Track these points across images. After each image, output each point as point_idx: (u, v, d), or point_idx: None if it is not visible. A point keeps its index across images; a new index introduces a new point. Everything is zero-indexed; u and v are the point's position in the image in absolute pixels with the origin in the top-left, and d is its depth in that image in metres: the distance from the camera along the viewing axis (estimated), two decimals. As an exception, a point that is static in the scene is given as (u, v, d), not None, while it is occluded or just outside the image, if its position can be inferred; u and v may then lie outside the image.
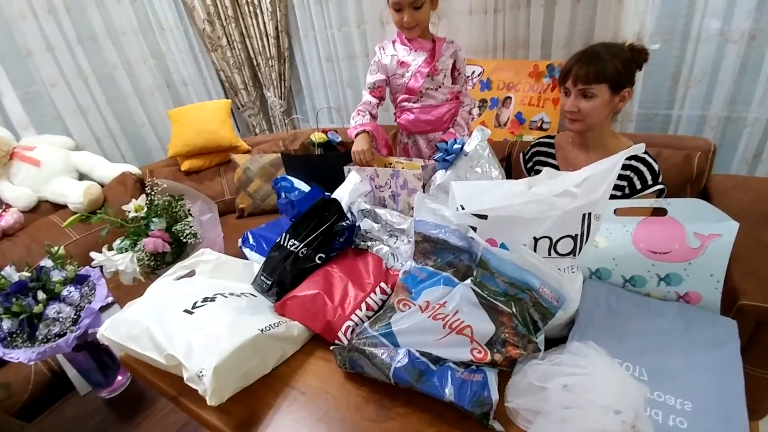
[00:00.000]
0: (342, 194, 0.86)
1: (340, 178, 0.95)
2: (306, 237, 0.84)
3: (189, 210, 1.26)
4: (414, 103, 1.31)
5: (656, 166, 1.03)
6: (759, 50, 1.44)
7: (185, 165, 2.08)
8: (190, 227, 1.21)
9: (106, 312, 1.11)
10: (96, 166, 2.05)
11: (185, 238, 1.19)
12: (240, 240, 1.07)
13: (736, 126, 1.56)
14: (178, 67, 2.51)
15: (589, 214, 0.61)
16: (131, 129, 2.43)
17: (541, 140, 1.24)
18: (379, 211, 0.86)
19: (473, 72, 1.82)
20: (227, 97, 2.69)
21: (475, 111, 1.53)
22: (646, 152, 1.04)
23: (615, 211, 0.73)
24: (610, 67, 0.98)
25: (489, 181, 0.61)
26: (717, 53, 1.49)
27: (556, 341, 0.65)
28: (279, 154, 1.88)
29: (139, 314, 0.77)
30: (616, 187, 0.72)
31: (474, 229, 0.64)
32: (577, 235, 0.62)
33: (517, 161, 1.29)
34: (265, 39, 2.43)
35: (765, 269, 0.94)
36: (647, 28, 1.53)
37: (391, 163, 1.01)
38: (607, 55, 0.99)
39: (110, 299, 1.11)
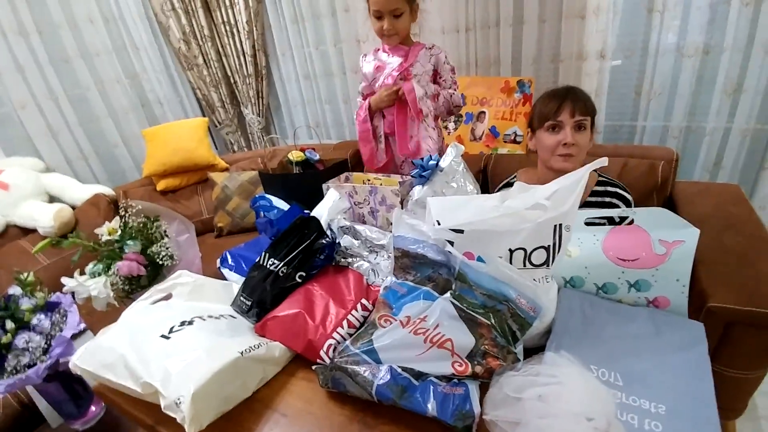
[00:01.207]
0: (321, 212, 0.86)
1: (319, 196, 0.95)
2: (286, 255, 0.83)
3: (165, 231, 1.24)
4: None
5: (630, 197, 1.07)
6: (713, 64, 1.53)
7: (161, 184, 2.05)
8: (167, 249, 1.19)
9: (78, 339, 1.05)
10: (67, 188, 1.99)
11: (161, 260, 1.17)
12: (218, 260, 1.05)
13: (696, 135, 1.64)
14: (153, 87, 2.49)
15: (560, 225, 0.63)
16: (104, 149, 2.38)
17: (503, 186, 1.22)
18: (359, 227, 0.87)
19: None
20: (204, 115, 2.67)
21: (451, 125, 1.57)
22: (617, 185, 1.08)
23: (585, 222, 0.76)
24: (591, 103, 1.02)
25: (464, 196, 0.63)
26: (675, 67, 1.59)
27: (534, 351, 0.66)
28: (257, 172, 1.87)
29: (114, 341, 0.74)
30: (596, 224, 0.76)
31: (451, 243, 0.65)
32: (549, 246, 0.64)
33: (492, 174, 1.32)
34: (242, 57, 2.44)
35: (731, 272, 0.98)
36: (609, 45, 1.61)
37: (369, 180, 1.02)
38: (584, 93, 1.03)
39: (83, 326, 1.06)
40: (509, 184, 1.21)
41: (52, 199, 1.98)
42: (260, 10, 2.31)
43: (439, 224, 0.59)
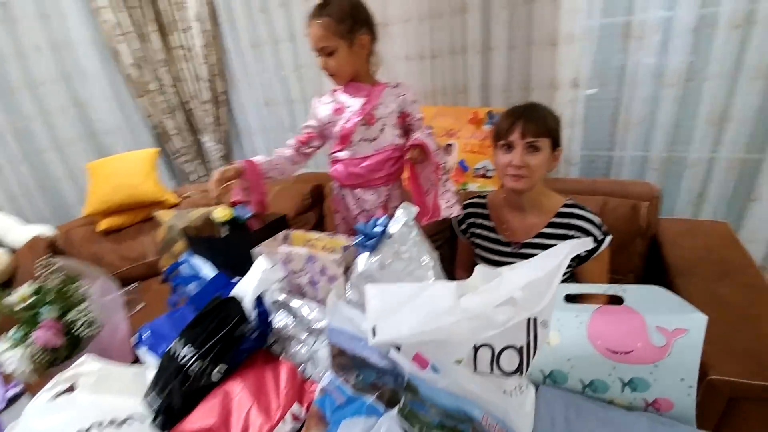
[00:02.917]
0: (248, 286, 0.70)
1: (252, 261, 0.79)
2: (203, 344, 0.67)
3: (86, 292, 1.07)
4: (343, 152, 1.18)
5: (597, 219, 1.00)
6: (696, 91, 1.44)
7: (103, 224, 1.85)
8: (86, 315, 1.02)
9: (17, 403, 0.96)
10: (8, 231, 1.79)
11: (77, 331, 1.00)
12: (135, 337, 0.88)
13: (677, 166, 1.55)
14: (102, 116, 2.30)
15: (535, 319, 0.50)
16: (49, 185, 2.19)
17: (471, 201, 1.18)
18: (294, 304, 0.71)
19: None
20: (159, 144, 2.49)
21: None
22: (581, 207, 1.02)
23: (565, 298, 0.62)
24: (551, 123, 0.97)
25: (411, 286, 0.48)
26: (654, 96, 1.49)
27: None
28: (210, 209, 1.69)
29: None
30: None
31: (398, 347, 0.51)
32: (522, 347, 0.50)
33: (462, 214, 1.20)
34: (198, 83, 2.28)
35: (732, 334, 0.86)
36: (583, 73, 1.52)
37: (310, 240, 0.86)
38: (546, 111, 0.97)
39: (18, 389, 0.98)
40: (476, 204, 1.16)
41: (-2, 243, 1.77)
42: (217, 33, 2.17)
43: (374, 335, 0.44)
